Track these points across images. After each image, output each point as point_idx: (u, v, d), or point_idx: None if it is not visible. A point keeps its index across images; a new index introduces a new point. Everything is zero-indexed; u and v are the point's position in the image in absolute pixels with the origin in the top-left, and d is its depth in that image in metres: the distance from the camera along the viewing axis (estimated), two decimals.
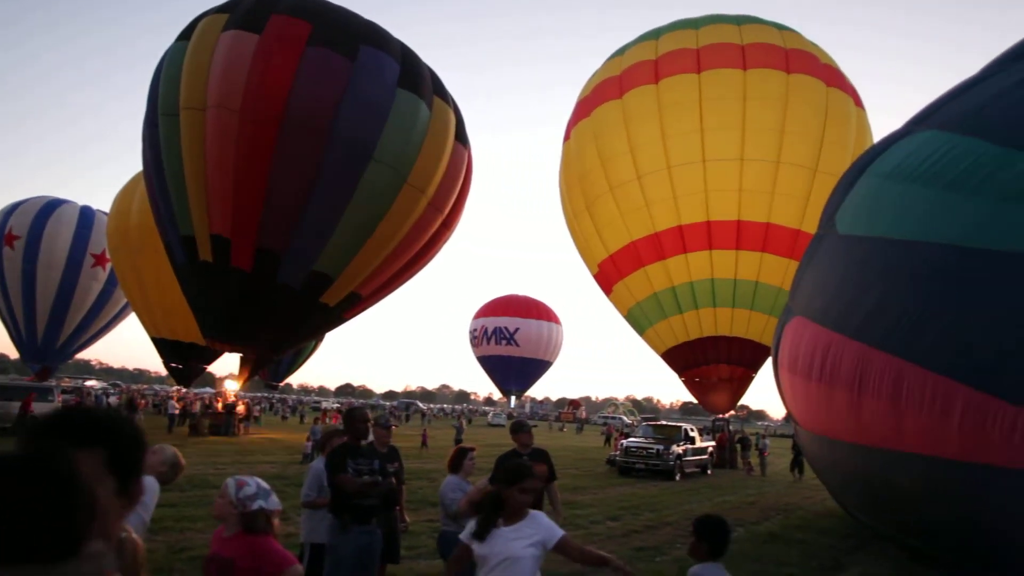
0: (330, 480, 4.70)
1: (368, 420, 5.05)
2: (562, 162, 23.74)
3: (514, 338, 53.29)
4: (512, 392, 58.83)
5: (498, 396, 74.18)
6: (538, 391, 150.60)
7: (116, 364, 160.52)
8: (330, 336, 44.95)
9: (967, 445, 6.02)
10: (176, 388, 44.81)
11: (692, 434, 21.41)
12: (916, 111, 8.72)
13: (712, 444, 23.84)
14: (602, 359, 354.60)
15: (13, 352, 34.99)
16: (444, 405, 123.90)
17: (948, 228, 6.63)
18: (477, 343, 55.47)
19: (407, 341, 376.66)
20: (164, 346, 26.20)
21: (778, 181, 18.90)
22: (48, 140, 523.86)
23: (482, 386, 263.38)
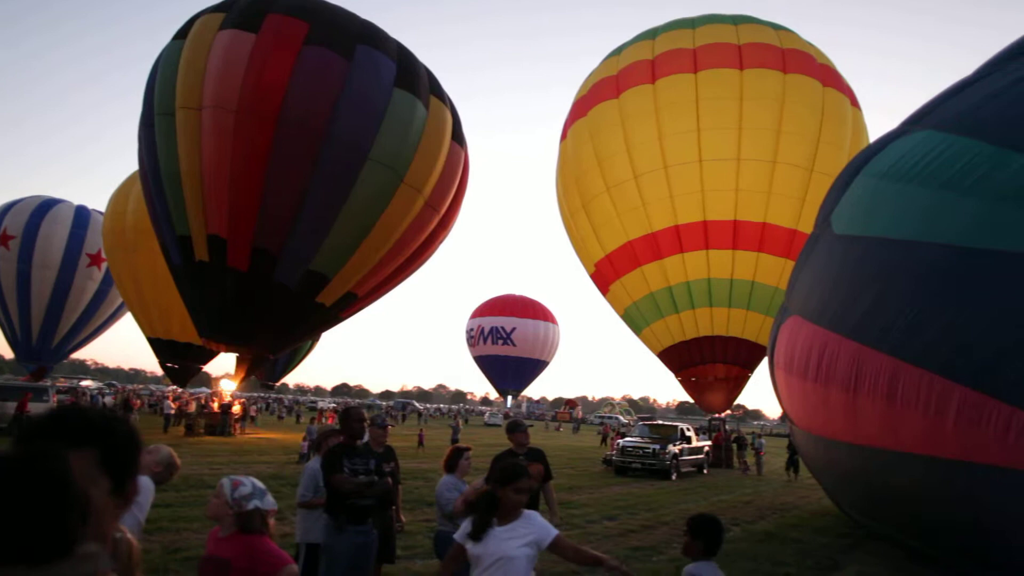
0: (326, 480, 4.69)
1: (364, 420, 5.04)
2: (559, 162, 23.74)
3: (511, 338, 53.36)
4: (508, 392, 58.91)
5: (495, 396, 74.22)
6: (534, 391, 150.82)
7: (112, 364, 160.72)
8: (326, 336, 44.87)
9: (964, 445, 6.02)
10: (172, 388, 44.64)
11: (688, 434, 21.40)
12: (912, 111, 8.76)
13: (708, 444, 23.84)
14: (598, 359, 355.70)
15: (8, 352, 34.92)
16: (440, 405, 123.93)
17: (944, 228, 6.63)
18: (474, 343, 55.52)
19: (403, 341, 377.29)
20: (160, 346, 26.16)
21: (774, 181, 18.94)
22: (45, 140, 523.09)
23: (479, 386, 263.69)
